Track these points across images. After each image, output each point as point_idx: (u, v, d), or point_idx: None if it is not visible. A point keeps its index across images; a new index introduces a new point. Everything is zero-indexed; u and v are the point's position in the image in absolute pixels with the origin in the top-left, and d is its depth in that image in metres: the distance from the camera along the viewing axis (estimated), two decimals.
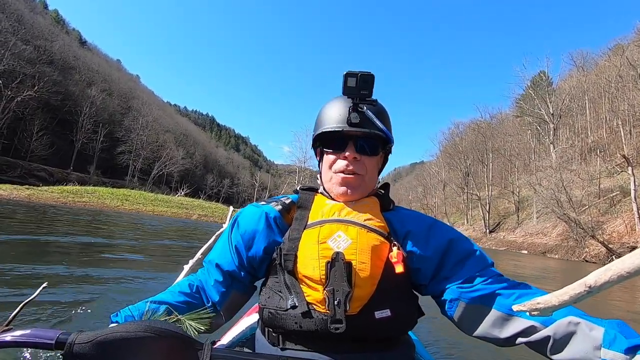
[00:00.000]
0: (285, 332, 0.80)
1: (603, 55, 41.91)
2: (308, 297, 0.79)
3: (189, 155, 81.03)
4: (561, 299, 0.50)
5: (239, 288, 0.92)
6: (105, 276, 4.24)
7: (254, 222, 0.90)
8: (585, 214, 25.34)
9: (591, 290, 0.43)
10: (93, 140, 55.06)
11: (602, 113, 38.55)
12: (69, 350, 0.51)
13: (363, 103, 0.87)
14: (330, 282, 0.76)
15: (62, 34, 67.58)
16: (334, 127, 0.88)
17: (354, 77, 0.83)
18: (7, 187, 19.53)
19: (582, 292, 0.47)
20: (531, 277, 10.01)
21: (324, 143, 0.93)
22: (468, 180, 54.62)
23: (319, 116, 0.95)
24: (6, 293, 3.09)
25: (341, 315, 0.74)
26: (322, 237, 0.82)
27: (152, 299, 0.84)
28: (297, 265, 0.81)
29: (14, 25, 45.36)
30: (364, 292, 0.77)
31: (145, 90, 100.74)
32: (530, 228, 35.37)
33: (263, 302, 0.85)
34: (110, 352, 0.52)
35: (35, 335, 0.53)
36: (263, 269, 0.91)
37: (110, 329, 0.54)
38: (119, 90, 70.17)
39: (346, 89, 0.85)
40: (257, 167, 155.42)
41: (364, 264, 0.78)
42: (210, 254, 0.96)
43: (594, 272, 0.52)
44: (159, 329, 0.54)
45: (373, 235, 0.83)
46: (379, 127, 0.87)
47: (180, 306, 0.83)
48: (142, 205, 22.87)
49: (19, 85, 41.53)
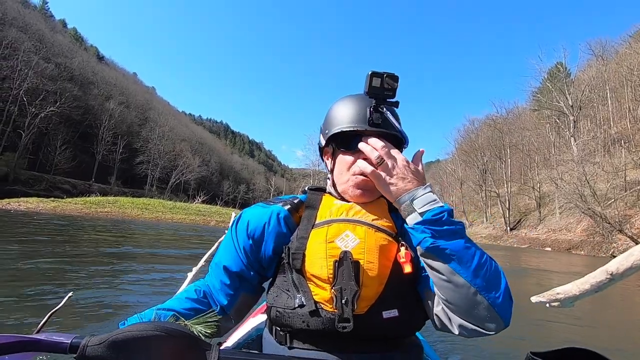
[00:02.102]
0: (293, 330, 0.80)
1: (623, 43, 40.33)
2: (316, 296, 0.79)
3: (205, 163, 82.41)
4: (582, 288, 0.46)
5: (247, 289, 0.92)
6: (128, 284, 4.34)
7: (264, 222, 0.90)
8: (612, 208, 24.43)
9: (613, 277, 0.44)
10: (113, 152, 56.85)
11: (625, 102, 37.17)
12: (82, 353, 0.53)
13: (385, 104, 0.85)
14: (338, 281, 0.76)
15: (81, 50, 70.14)
16: (355, 126, 0.87)
17: (379, 78, 0.82)
18: (34, 200, 20.33)
19: (603, 280, 0.43)
20: (557, 275, 9.70)
21: (340, 142, 0.92)
22: (486, 177, 53.52)
23: (333, 115, 0.93)
24: (35, 301, 3.21)
25: (349, 315, 0.73)
26: (330, 236, 0.81)
27: (159, 306, 0.84)
28: (305, 264, 0.81)
29: (36, 44, 47.44)
30: (371, 292, 0.77)
31: (161, 101, 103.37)
32: (553, 224, 34.34)
33: (271, 301, 0.85)
34: (122, 352, 0.53)
35: (50, 340, 0.55)
36: (272, 268, 0.90)
37: (121, 330, 0.55)
38: (136, 102, 72.20)
39: (370, 89, 0.83)
40: (271, 172, 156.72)
41: (372, 263, 0.78)
42: (215, 256, 0.96)
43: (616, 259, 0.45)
44: (168, 329, 0.56)
45: (381, 234, 0.82)
46: (398, 128, 0.87)
47: (188, 313, 0.84)
48: (162, 214, 23.36)
49: (42, 102, 43.34)
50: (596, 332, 4.13)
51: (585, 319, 4.63)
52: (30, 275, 4.20)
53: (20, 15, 50.54)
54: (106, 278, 4.50)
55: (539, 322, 4.10)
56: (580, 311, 4.85)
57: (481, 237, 45.67)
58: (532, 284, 8.45)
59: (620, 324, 4.73)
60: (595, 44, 44.14)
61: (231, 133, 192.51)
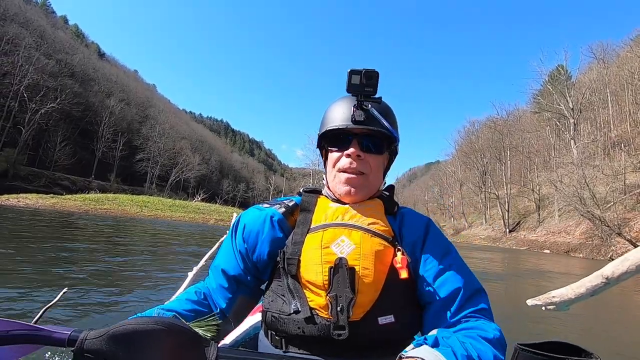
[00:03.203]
0: (288, 336, 0.80)
1: (625, 46, 40.34)
2: (311, 302, 0.78)
3: (205, 161, 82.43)
4: (577, 292, 0.46)
5: (245, 292, 0.92)
6: (124, 281, 4.34)
7: (258, 225, 0.90)
8: (611, 211, 24.40)
9: (608, 281, 0.45)
10: (113, 149, 56.84)
11: (626, 106, 37.16)
12: (80, 346, 0.53)
13: (367, 101, 0.86)
14: (333, 288, 0.75)
15: (82, 47, 70.12)
16: (338, 125, 0.88)
17: (358, 75, 0.83)
18: (33, 197, 20.33)
19: (599, 284, 0.43)
20: (555, 277, 9.71)
21: (329, 141, 0.93)
22: (485, 179, 53.57)
23: (324, 115, 0.95)
24: (30, 296, 3.21)
25: (344, 322, 0.73)
26: (325, 242, 0.81)
27: (160, 306, 0.84)
28: (300, 270, 0.80)
29: (37, 40, 47.41)
30: (367, 299, 0.76)
31: (162, 98, 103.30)
32: (552, 226, 34.36)
33: (266, 305, 0.85)
34: (121, 346, 0.53)
35: (48, 333, 0.55)
36: (267, 272, 0.90)
37: (121, 323, 0.55)
38: (137, 100, 72.16)
39: (350, 87, 0.85)
40: (271, 171, 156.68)
41: (368, 269, 0.77)
42: (215, 259, 0.96)
43: (611, 263, 0.47)
44: (167, 323, 0.56)
45: (377, 240, 0.82)
46: (384, 124, 0.87)
47: (188, 314, 0.84)
48: (161, 211, 23.38)
49: (43, 98, 43.37)
50: (591, 331, 4.13)
51: (584, 319, 4.63)
52: (26, 271, 4.19)
53: (21, 11, 50.49)
54: (104, 275, 4.50)
55: (537, 323, 4.11)
56: (580, 311, 4.85)
57: (480, 238, 45.71)
58: (530, 286, 8.46)
59: (616, 324, 4.74)
60: (597, 47, 44.22)
61: (231, 131, 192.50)
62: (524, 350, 0.59)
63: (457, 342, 0.65)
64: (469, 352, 0.63)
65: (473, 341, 0.66)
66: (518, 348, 0.60)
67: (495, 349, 0.67)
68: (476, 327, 0.72)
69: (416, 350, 0.62)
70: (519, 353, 0.59)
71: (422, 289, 0.82)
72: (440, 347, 0.64)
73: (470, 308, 0.78)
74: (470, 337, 0.68)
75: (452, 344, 0.64)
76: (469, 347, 0.64)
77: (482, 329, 0.71)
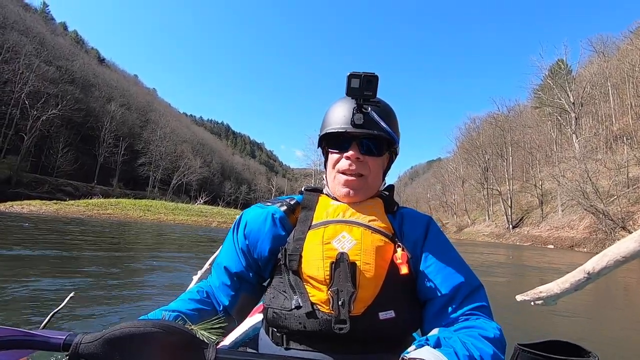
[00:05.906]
0: (289, 332, 0.80)
1: (625, 39, 40.12)
2: (312, 298, 0.79)
3: (207, 164, 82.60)
4: (562, 287, 0.48)
5: (247, 290, 0.93)
6: (129, 285, 4.35)
7: (260, 223, 0.90)
8: (614, 205, 24.33)
9: (590, 276, 0.47)
10: (114, 154, 57.03)
11: (627, 99, 36.94)
12: (75, 351, 0.52)
13: (367, 104, 0.87)
14: (335, 283, 0.76)
15: (82, 53, 70.42)
16: (338, 128, 0.89)
17: (358, 78, 0.83)
18: (36, 203, 20.43)
19: (581, 278, 0.46)
20: (560, 272, 9.66)
21: (329, 143, 0.94)
22: (487, 175, 53.40)
23: (325, 117, 0.96)
24: (38, 301, 3.23)
25: (345, 316, 0.74)
26: (327, 238, 0.82)
27: (164, 308, 0.84)
28: (301, 266, 0.81)
29: (37, 48, 47.59)
30: (368, 293, 0.77)
31: (162, 102, 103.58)
32: (556, 222, 34.22)
33: (267, 302, 0.86)
34: (117, 350, 0.53)
35: (43, 338, 0.54)
36: (269, 269, 0.91)
37: (118, 327, 0.54)
38: (137, 104, 72.38)
39: (350, 90, 0.85)
40: (273, 172, 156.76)
41: (369, 264, 0.78)
42: (218, 257, 0.97)
43: (592, 259, 0.43)
44: (164, 325, 0.55)
45: (377, 236, 0.83)
46: (383, 128, 0.87)
47: (192, 314, 0.84)
48: (164, 215, 23.43)
49: (44, 104, 43.51)
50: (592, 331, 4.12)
51: (584, 319, 4.61)
52: (33, 276, 4.22)
53: (21, 19, 50.72)
54: (109, 280, 4.51)
55: (537, 320, 4.10)
56: (580, 311, 4.83)
57: (484, 235, 45.57)
58: (535, 283, 8.43)
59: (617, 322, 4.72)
60: (597, 40, 44.02)
61: (232, 134, 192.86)
62: (524, 351, 0.59)
63: (458, 342, 0.66)
64: (470, 352, 0.64)
65: (474, 340, 0.67)
66: (518, 349, 0.61)
67: (496, 347, 0.68)
68: (477, 326, 0.73)
69: (418, 351, 0.63)
70: (519, 354, 0.60)
71: (423, 285, 0.83)
72: (443, 348, 0.65)
73: (470, 305, 0.79)
74: (471, 336, 0.69)
75: (454, 344, 0.65)
76: (470, 347, 0.65)
77: (482, 328, 0.72)
